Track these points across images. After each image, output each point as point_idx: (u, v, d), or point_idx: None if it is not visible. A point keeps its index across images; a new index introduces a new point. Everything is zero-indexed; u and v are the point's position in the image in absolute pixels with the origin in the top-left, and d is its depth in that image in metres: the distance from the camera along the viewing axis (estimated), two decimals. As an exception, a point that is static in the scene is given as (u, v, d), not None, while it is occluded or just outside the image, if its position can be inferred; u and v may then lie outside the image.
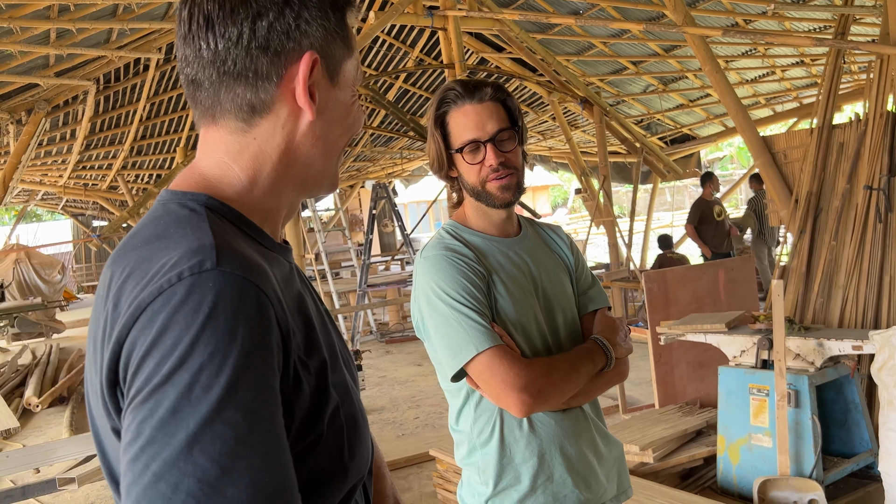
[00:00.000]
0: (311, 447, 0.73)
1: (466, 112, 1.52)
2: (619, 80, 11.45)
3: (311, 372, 0.74)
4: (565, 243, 1.69)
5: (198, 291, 0.64)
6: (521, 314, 1.50)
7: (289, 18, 0.77)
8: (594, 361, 1.49)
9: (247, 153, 0.80)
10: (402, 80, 12.37)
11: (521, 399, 1.37)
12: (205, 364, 0.61)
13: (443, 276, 1.46)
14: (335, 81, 0.83)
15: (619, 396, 4.93)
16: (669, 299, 4.50)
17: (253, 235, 0.79)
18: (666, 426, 3.98)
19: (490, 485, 1.48)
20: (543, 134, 14.67)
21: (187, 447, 0.59)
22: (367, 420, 0.88)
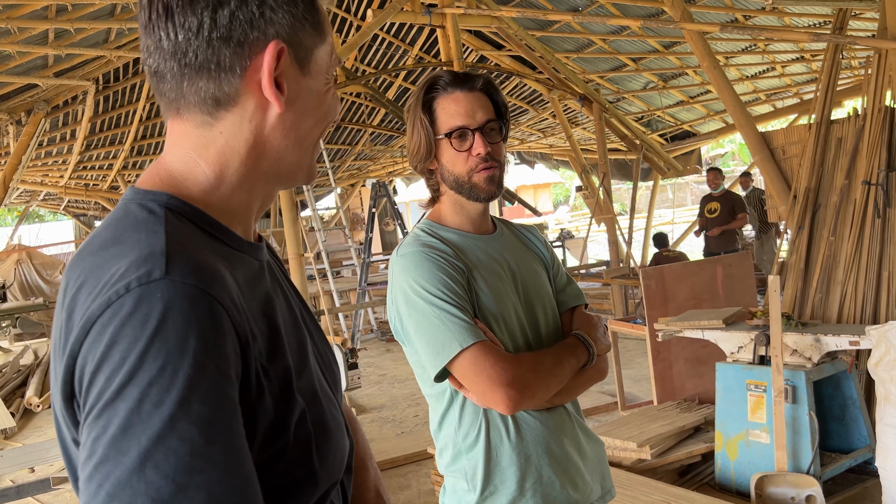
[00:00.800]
0: (278, 455, 0.71)
1: (457, 98, 1.49)
2: (619, 77, 11.43)
3: (274, 379, 0.72)
4: (541, 242, 1.67)
5: (146, 303, 0.61)
6: (501, 309, 1.47)
7: (252, 6, 0.74)
8: (577, 357, 1.47)
9: (213, 148, 0.77)
10: (401, 78, 12.36)
11: (507, 395, 1.34)
12: (154, 378, 0.59)
13: (421, 273, 1.42)
14: (306, 70, 0.79)
15: (617, 393, 4.93)
16: (667, 296, 4.49)
17: (217, 235, 0.77)
18: (664, 423, 3.97)
19: (477, 490, 1.45)
20: (544, 131, 14.66)
21: (140, 465, 0.57)
22: (342, 422, 0.86)
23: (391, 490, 4.20)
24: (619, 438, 3.78)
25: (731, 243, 8.43)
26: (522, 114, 13.81)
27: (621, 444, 3.76)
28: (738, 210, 8.51)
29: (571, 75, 8.83)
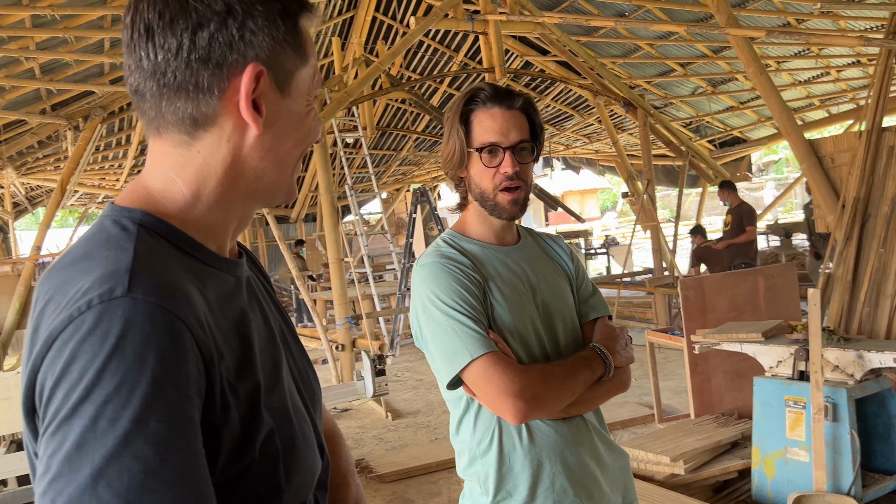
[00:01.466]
0: (244, 472, 0.71)
1: (494, 115, 1.51)
2: (667, 83, 11.26)
3: (243, 396, 0.72)
4: (565, 252, 1.68)
5: (106, 320, 0.62)
6: (517, 321, 1.48)
7: (231, 29, 0.74)
8: (592, 369, 1.47)
9: (191, 167, 0.78)
10: (446, 84, 12.41)
11: (515, 405, 1.35)
12: (110, 396, 0.59)
13: (438, 284, 1.45)
14: (286, 92, 0.80)
15: (654, 405, 4.84)
16: (706, 307, 4.39)
17: (190, 252, 0.77)
18: (699, 437, 3.88)
19: (490, 494, 1.46)
20: (589, 137, 14.52)
21: (92, 483, 0.58)
22: (314, 440, 0.86)
23: (422, 496, 4.21)
24: (652, 452, 3.71)
25: (742, 256, 7.98)
26: (567, 119, 13.71)
27: (654, 457, 3.69)
28: (745, 223, 8.02)
29: (614, 80, 8.71)
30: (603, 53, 10.58)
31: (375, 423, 5.93)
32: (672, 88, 11.48)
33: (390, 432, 5.64)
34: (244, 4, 0.75)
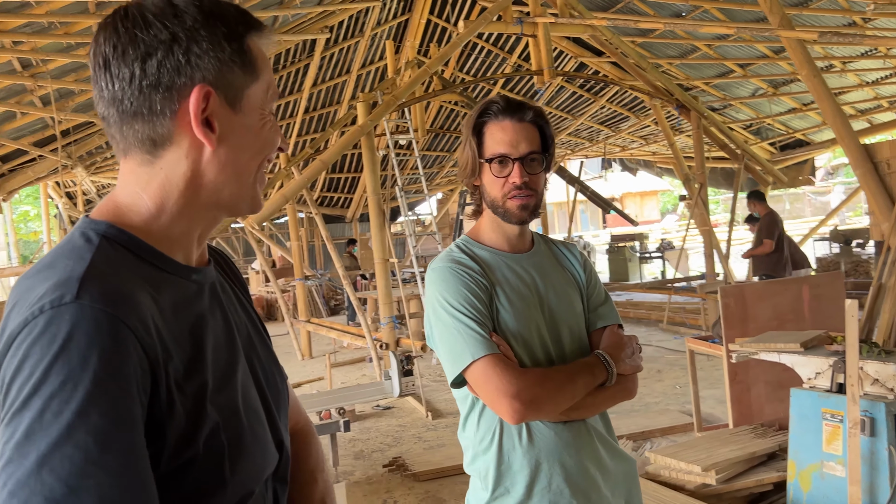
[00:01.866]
0: (189, 464, 0.77)
1: (504, 127, 1.57)
2: (726, 84, 11.00)
3: (188, 394, 0.77)
4: (578, 261, 1.72)
5: (55, 324, 0.68)
6: (522, 326, 1.53)
7: (178, 55, 0.80)
8: (594, 375, 1.51)
9: (154, 182, 0.84)
10: (499, 85, 12.42)
11: (512, 406, 1.41)
12: (56, 392, 0.66)
13: (446, 287, 1.52)
14: (237, 108, 0.85)
15: (693, 413, 4.77)
16: (748, 315, 4.30)
17: (150, 260, 0.82)
18: (734, 447, 3.82)
19: (489, 490, 1.53)
20: (646, 139, 14.30)
21: (37, 467, 0.64)
22: (265, 436, 0.90)
23: (454, 496, 4.26)
24: (683, 461, 3.67)
25: (763, 267, 7.59)
26: (623, 120, 13.54)
27: (685, 466, 3.65)
28: (763, 234, 7.63)
29: (666, 82, 8.57)
30: (659, 54, 10.42)
31: (415, 421, 6.01)
32: (731, 90, 11.21)
33: (429, 431, 5.71)
34: (188, 31, 0.81)
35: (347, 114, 8.11)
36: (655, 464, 3.88)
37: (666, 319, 9.51)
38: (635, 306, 11.18)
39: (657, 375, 6.95)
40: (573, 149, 15.86)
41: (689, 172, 10.14)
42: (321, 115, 12.85)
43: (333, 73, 11.72)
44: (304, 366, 9.11)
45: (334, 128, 9.00)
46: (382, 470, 4.86)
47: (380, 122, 8.00)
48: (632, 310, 10.93)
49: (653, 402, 5.99)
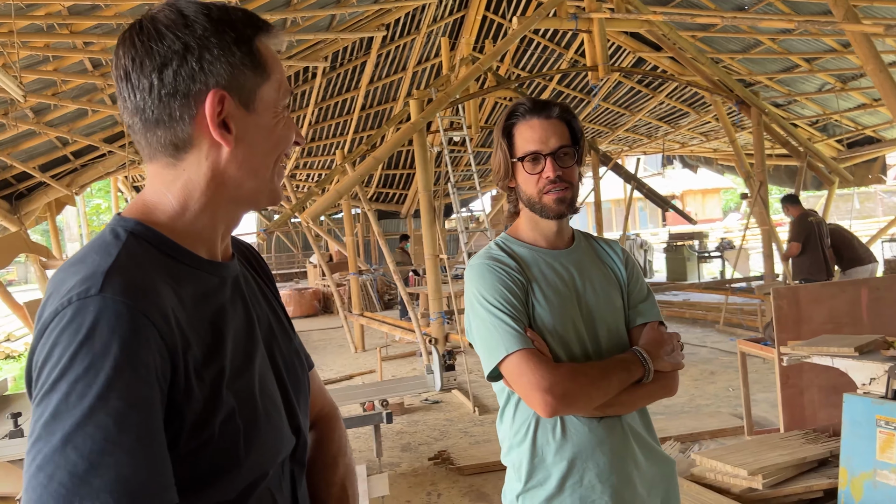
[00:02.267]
0: (205, 445, 0.82)
1: (533, 125, 1.61)
2: (791, 79, 10.65)
3: (206, 381, 0.82)
4: (619, 257, 1.73)
5: (80, 315, 0.74)
6: (558, 322, 1.56)
7: (191, 63, 0.85)
8: (629, 371, 1.52)
9: (178, 183, 0.90)
10: (555, 81, 12.34)
11: (544, 399, 1.44)
12: (80, 376, 0.72)
13: (483, 284, 1.57)
14: (251, 109, 0.90)
15: (744, 416, 4.67)
16: (801, 318, 4.18)
17: (173, 255, 0.88)
18: (783, 452, 3.73)
19: (521, 481, 1.57)
20: (707, 135, 13.97)
21: (62, 445, 0.70)
22: (280, 422, 0.95)
23: (497, 491, 4.28)
24: (729, 464, 3.61)
25: (798, 272, 7.33)
26: (683, 116, 13.27)
27: (731, 469, 3.59)
28: (790, 237, 7.37)
29: (726, 77, 8.36)
30: (721, 49, 10.17)
31: (462, 416, 6.06)
32: (796, 85, 10.85)
33: (475, 426, 5.75)
34: (199, 40, 0.86)
35: (402, 111, 8.20)
36: (701, 466, 3.82)
37: (722, 321, 9.30)
38: (691, 306, 10.95)
39: (710, 377, 6.82)
40: (631, 145, 15.63)
41: (749, 170, 9.87)
42: (377, 112, 13.01)
43: (389, 70, 11.85)
44: (357, 358, 9.27)
45: (389, 125, 9.11)
46: (428, 463, 4.93)
47: (434, 119, 8.06)
48: (688, 310, 10.72)
49: (704, 405, 5.89)
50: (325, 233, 11.96)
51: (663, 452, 1.66)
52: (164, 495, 0.75)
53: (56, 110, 7.54)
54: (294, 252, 23.68)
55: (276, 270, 24.11)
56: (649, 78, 11.51)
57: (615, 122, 14.03)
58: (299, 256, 23.33)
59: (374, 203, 17.06)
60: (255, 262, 1.11)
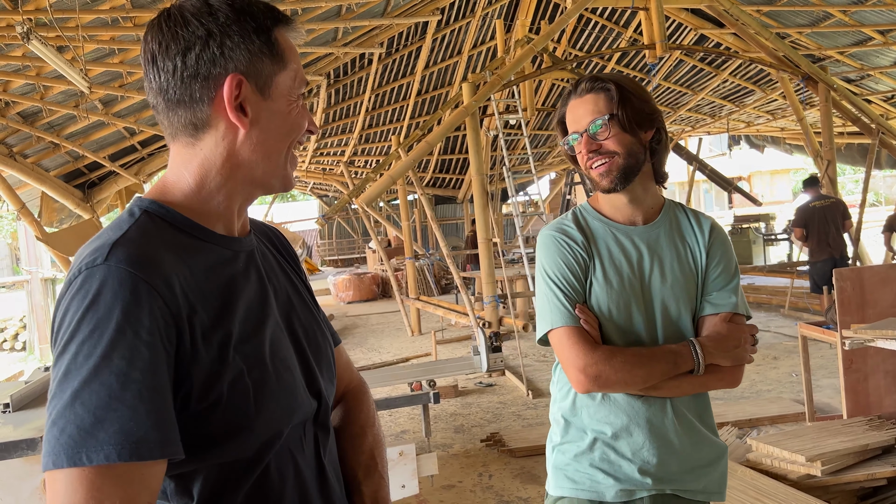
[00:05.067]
0: (215, 405, 0.87)
1: (571, 107, 1.62)
2: (863, 52, 10.15)
3: (213, 343, 0.87)
4: (704, 238, 1.63)
5: (88, 282, 0.81)
6: (612, 304, 1.56)
7: (213, 48, 0.91)
8: (675, 364, 1.50)
9: (195, 162, 0.95)
10: (614, 61, 12.10)
11: (577, 378, 1.50)
12: (86, 338, 0.78)
13: (546, 255, 1.62)
14: (267, 95, 0.95)
15: (805, 402, 4.53)
16: (866, 300, 4.01)
17: (187, 230, 0.94)
18: (845, 438, 3.60)
19: (559, 435, 1.64)
20: (773, 114, 13.48)
21: (71, 400, 0.77)
22: (294, 385, 0.98)
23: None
24: (787, 450, 3.51)
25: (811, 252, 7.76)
26: (748, 95, 12.83)
27: (789, 455, 3.49)
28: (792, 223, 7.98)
29: (792, 52, 8.04)
30: (788, 23, 9.77)
31: (516, 399, 6.07)
32: (869, 59, 10.33)
33: (529, 410, 5.75)
34: (221, 27, 0.92)
35: (457, 95, 8.18)
36: (757, 452, 3.73)
37: (787, 305, 9.01)
38: (756, 290, 10.64)
39: (773, 363, 6.63)
40: (693, 125, 15.21)
41: (818, 149, 9.48)
42: (433, 97, 13.02)
43: (445, 54, 11.84)
44: (413, 341, 9.37)
45: (444, 109, 9.11)
46: (480, 444, 4.96)
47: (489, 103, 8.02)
48: (752, 294, 10.42)
49: (765, 390, 5.73)
50: (384, 218, 12.09)
51: (714, 438, 1.63)
52: (164, 447, 0.80)
53: (123, 101, 7.83)
54: (354, 238, 24.04)
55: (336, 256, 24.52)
56: (712, 55, 11.16)
57: (677, 101, 13.67)
58: (359, 242, 23.66)
59: (431, 188, 17.14)
60: (277, 242, 1.16)
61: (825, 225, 7.58)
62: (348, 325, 11.44)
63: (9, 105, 7.06)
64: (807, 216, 7.72)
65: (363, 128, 13.24)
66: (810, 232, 7.68)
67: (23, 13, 5.13)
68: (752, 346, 1.58)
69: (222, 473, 0.90)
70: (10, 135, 7.44)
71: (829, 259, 7.46)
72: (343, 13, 8.42)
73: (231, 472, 0.91)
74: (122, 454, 0.76)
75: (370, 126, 13.49)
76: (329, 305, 14.30)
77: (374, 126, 13.55)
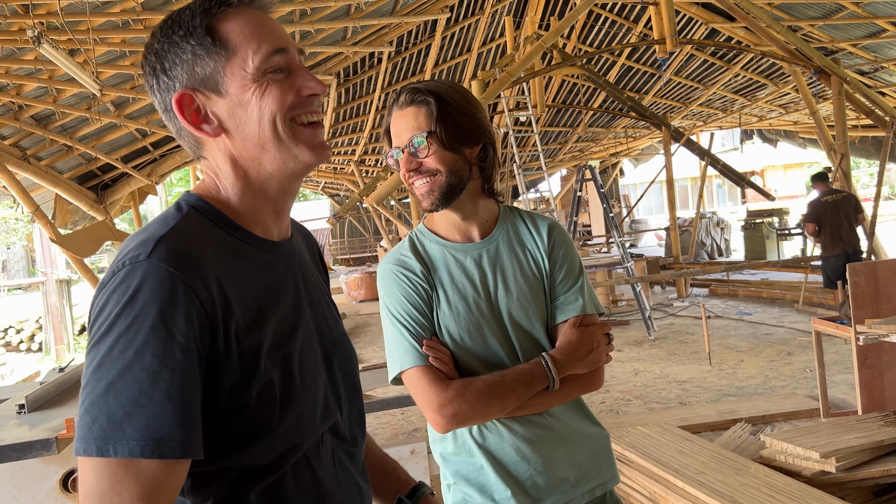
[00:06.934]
0: (242, 409, 0.87)
1: (394, 119, 1.50)
2: (877, 44, 10.05)
3: (246, 348, 0.88)
4: (543, 243, 1.55)
5: (129, 277, 0.82)
6: (463, 331, 1.47)
7: (161, 77, 0.92)
8: (529, 385, 1.42)
9: (215, 170, 0.97)
10: (624, 56, 12.04)
11: (435, 419, 1.40)
12: (122, 333, 0.80)
13: (388, 292, 1.51)
14: (222, 91, 0.92)
15: (819, 398, 4.49)
16: (880, 295, 3.98)
17: (229, 231, 0.94)
18: (859, 434, 3.57)
19: (449, 475, 1.54)
20: (786, 108, 13.38)
21: (105, 392, 0.79)
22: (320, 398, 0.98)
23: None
24: (801, 446, 3.49)
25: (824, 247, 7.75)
26: (760, 88, 12.74)
27: (803, 452, 3.46)
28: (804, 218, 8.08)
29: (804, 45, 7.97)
30: (800, 16, 9.69)
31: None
32: (883, 51, 10.23)
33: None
34: (157, 53, 0.92)
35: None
36: (771, 448, 3.71)
37: (802, 300, 8.94)
38: (769, 286, 10.56)
39: (786, 358, 6.58)
40: (705, 120, 15.12)
41: (832, 142, 9.40)
42: (443, 95, 13.00)
43: (454, 52, 11.83)
44: (426, 340, 9.38)
45: (454, 107, 9.11)
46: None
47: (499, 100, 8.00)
48: (765, 289, 10.35)
49: (779, 386, 5.69)
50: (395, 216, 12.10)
51: (593, 429, 1.56)
52: (185, 446, 0.81)
53: (134, 103, 7.89)
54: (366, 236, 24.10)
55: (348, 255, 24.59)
56: (723, 49, 11.09)
57: (688, 96, 13.59)
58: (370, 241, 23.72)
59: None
60: (311, 244, 1.16)
61: (838, 219, 7.54)
62: (360, 324, 11.46)
63: (22, 108, 7.13)
64: (819, 211, 7.68)
65: (373, 126, 13.25)
66: (823, 227, 7.64)
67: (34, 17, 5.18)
68: (608, 344, 1.51)
69: (240, 478, 0.91)
70: (23, 138, 7.52)
71: (842, 254, 7.43)
72: (352, 12, 8.43)
73: (248, 478, 0.91)
74: (145, 450, 0.78)
75: (381, 125, 13.49)
76: (341, 304, 14.34)
77: (383, 125, 13.55)
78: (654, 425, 4.30)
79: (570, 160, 16.73)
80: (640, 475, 3.70)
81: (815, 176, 8.19)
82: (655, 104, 13.87)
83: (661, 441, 3.97)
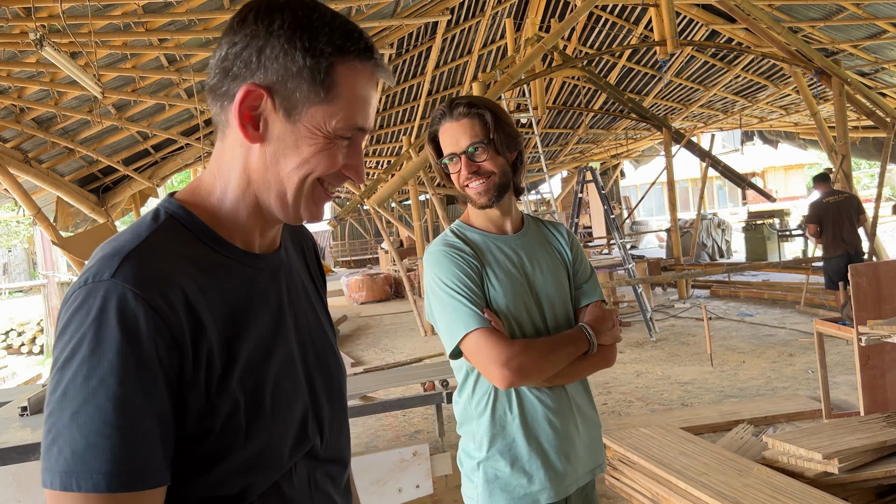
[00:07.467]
0: (206, 433, 0.83)
1: (446, 129, 1.72)
2: (877, 46, 10.06)
3: (215, 371, 0.83)
4: (565, 240, 1.85)
5: (91, 297, 0.77)
6: (510, 303, 1.67)
7: (251, 51, 0.85)
8: (576, 345, 1.66)
9: (222, 161, 0.91)
10: (624, 58, 12.05)
11: (502, 373, 1.56)
12: (86, 358, 0.75)
13: (441, 269, 1.68)
14: (292, 118, 0.87)
15: (822, 399, 4.49)
16: (882, 296, 3.98)
17: (208, 243, 0.89)
18: (862, 435, 3.56)
19: (483, 450, 1.69)
20: (787, 109, 13.38)
21: (70, 421, 0.75)
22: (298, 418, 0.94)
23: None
24: (803, 447, 3.48)
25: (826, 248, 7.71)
26: (761, 90, 12.74)
27: (805, 453, 3.46)
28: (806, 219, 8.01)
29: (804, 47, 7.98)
30: (800, 17, 9.70)
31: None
32: (884, 52, 10.24)
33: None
34: (269, 34, 0.85)
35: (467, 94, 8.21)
36: (773, 449, 3.71)
37: (803, 301, 8.94)
38: (770, 287, 10.55)
39: (788, 360, 6.58)
40: (706, 121, 15.13)
41: (833, 143, 9.40)
42: (444, 97, 13.02)
43: (455, 54, 11.84)
44: (427, 342, 9.38)
45: (454, 109, 9.13)
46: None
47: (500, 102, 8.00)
48: (767, 290, 10.34)
49: (781, 387, 5.69)
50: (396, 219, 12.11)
51: (594, 414, 1.80)
52: (154, 476, 0.78)
53: (136, 106, 7.89)
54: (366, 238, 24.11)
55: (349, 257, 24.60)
56: (724, 51, 11.10)
57: (688, 97, 13.60)
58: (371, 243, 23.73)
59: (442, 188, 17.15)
60: (306, 248, 1.11)
61: (839, 220, 7.53)
62: (361, 326, 11.46)
63: (24, 111, 7.14)
64: (820, 212, 7.67)
65: (374, 129, 13.25)
66: (824, 228, 7.63)
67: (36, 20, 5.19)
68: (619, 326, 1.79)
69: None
70: (25, 140, 7.52)
71: (843, 255, 7.41)
72: (353, 14, 8.44)
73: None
74: (112, 484, 0.75)
75: (381, 127, 13.52)
76: (342, 306, 14.34)
77: (385, 127, 13.58)
78: (656, 427, 4.30)
79: (570, 162, 16.74)
80: (643, 476, 3.70)
81: (817, 177, 8.18)
82: (656, 106, 13.88)
83: (664, 442, 3.97)
